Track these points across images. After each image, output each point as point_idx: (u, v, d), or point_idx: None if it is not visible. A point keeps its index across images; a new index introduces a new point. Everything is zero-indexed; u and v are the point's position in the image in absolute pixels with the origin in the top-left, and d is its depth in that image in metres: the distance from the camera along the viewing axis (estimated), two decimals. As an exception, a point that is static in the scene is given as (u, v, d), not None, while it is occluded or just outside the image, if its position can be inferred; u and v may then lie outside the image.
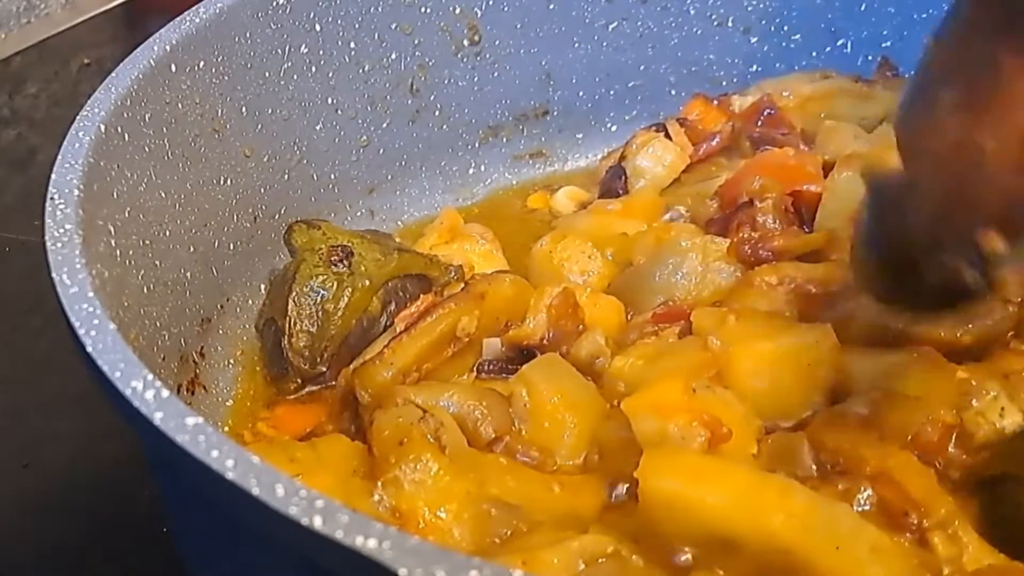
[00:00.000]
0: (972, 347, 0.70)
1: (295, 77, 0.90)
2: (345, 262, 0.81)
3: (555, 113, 1.08)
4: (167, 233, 0.76)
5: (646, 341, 0.74)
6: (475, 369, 0.77)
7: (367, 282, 0.81)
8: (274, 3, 0.87)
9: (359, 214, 0.99)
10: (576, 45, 1.05)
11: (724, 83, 1.08)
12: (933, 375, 0.67)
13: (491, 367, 0.76)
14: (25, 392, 0.98)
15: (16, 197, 1.24)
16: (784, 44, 1.07)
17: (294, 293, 0.80)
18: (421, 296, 0.81)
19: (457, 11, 1.00)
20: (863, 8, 1.05)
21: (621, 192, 0.95)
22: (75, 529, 0.85)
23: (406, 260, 0.84)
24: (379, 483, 0.62)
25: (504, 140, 1.07)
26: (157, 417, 0.48)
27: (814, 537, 0.55)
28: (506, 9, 1.02)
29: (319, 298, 0.80)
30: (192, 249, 0.80)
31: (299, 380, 0.81)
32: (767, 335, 0.70)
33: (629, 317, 0.79)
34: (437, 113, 1.02)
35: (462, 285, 0.79)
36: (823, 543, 0.55)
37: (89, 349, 0.52)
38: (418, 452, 0.63)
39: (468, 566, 0.38)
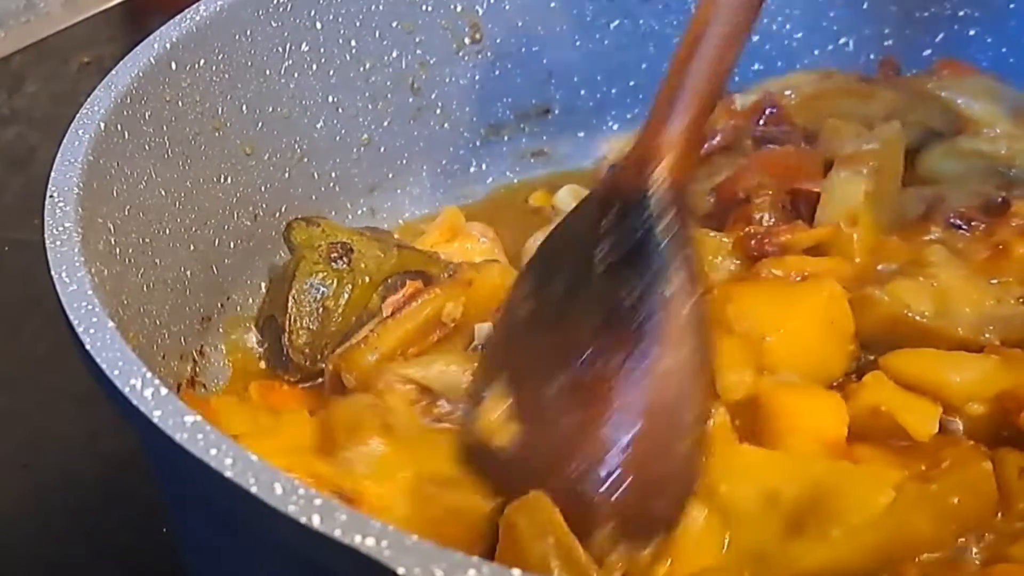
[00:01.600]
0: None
1: (296, 75, 0.90)
2: (345, 259, 0.81)
3: (557, 112, 1.08)
4: (167, 231, 0.76)
5: None
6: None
7: (367, 279, 0.81)
8: (275, 1, 0.87)
9: (360, 212, 0.99)
10: (578, 43, 1.05)
11: (725, 81, 1.08)
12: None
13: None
14: (24, 392, 0.98)
15: (15, 196, 1.24)
16: (786, 42, 1.06)
17: (294, 290, 0.80)
18: (408, 282, 0.81)
19: (458, 9, 0.99)
20: (865, 6, 1.05)
21: None
22: (75, 529, 0.85)
23: (406, 257, 0.84)
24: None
25: (505, 139, 1.07)
26: (155, 415, 0.48)
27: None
28: (507, 7, 1.01)
29: (319, 295, 0.80)
30: (192, 247, 0.80)
31: (299, 377, 0.81)
32: (781, 309, 0.71)
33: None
34: (438, 111, 1.02)
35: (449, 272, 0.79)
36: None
37: (88, 347, 0.52)
38: (366, 437, 0.64)
39: (467, 565, 0.38)
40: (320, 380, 0.79)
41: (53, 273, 0.57)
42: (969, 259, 0.75)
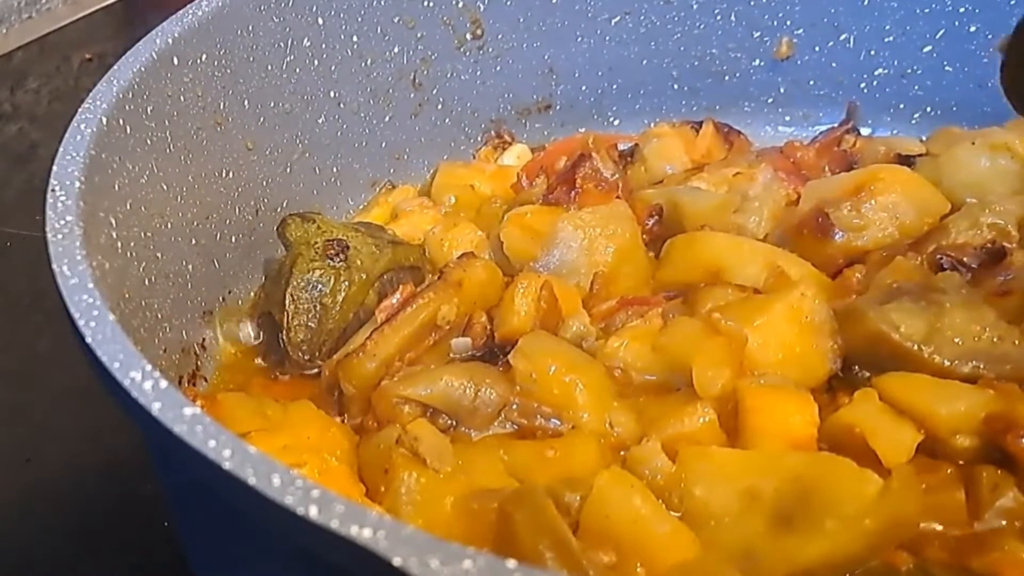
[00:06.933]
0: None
1: (297, 70, 0.90)
2: (341, 256, 0.81)
3: (558, 107, 1.08)
4: (168, 225, 0.76)
5: (633, 324, 0.75)
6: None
7: (363, 276, 0.81)
8: (276, -3, 0.87)
9: (361, 207, 0.99)
10: (579, 39, 1.05)
11: (727, 77, 1.08)
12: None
13: (471, 358, 0.76)
14: (27, 387, 0.98)
15: (17, 192, 1.24)
16: (787, 39, 1.06)
17: (291, 288, 0.80)
18: (401, 287, 0.81)
19: (460, 5, 1.00)
20: (866, 3, 1.05)
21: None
22: (77, 523, 0.85)
23: (400, 252, 0.84)
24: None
25: (507, 134, 1.07)
26: (155, 407, 0.48)
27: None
28: (509, 3, 1.02)
29: (317, 292, 0.80)
30: (194, 241, 0.80)
31: (297, 372, 0.81)
32: (757, 307, 0.71)
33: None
34: (440, 107, 1.02)
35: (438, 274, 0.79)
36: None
37: (88, 340, 0.52)
38: (401, 474, 0.64)
39: (462, 555, 0.38)
40: (316, 371, 0.80)
41: (54, 266, 0.57)
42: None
